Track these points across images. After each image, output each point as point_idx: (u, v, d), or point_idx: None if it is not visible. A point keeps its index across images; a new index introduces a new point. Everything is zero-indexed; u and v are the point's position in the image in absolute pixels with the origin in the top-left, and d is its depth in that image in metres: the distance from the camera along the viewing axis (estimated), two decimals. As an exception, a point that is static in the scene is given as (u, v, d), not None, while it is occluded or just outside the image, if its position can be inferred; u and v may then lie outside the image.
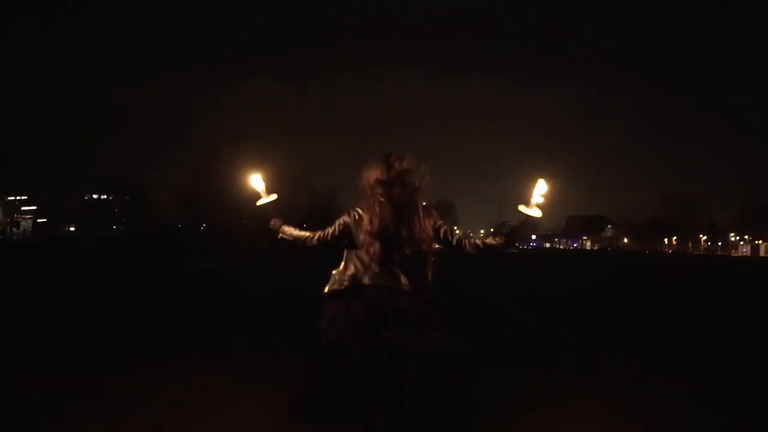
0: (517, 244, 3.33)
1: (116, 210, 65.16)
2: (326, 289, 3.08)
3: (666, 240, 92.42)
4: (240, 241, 35.97)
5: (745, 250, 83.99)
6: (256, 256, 26.27)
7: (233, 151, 44.70)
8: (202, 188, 44.67)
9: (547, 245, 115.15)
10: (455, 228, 3.20)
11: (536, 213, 3.03)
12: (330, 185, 53.45)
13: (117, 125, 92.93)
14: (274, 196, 3.26)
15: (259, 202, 3.27)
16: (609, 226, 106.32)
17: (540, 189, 3.03)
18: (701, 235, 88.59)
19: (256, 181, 3.27)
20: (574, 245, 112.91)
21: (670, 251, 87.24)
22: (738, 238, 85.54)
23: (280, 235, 3.22)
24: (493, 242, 3.06)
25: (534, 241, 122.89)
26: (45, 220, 58.18)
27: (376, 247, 2.94)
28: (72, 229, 57.51)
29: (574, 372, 5.27)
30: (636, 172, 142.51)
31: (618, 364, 5.63)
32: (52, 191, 53.31)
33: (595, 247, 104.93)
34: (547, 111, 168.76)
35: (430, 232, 3.03)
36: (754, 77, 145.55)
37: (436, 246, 3.10)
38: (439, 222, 3.08)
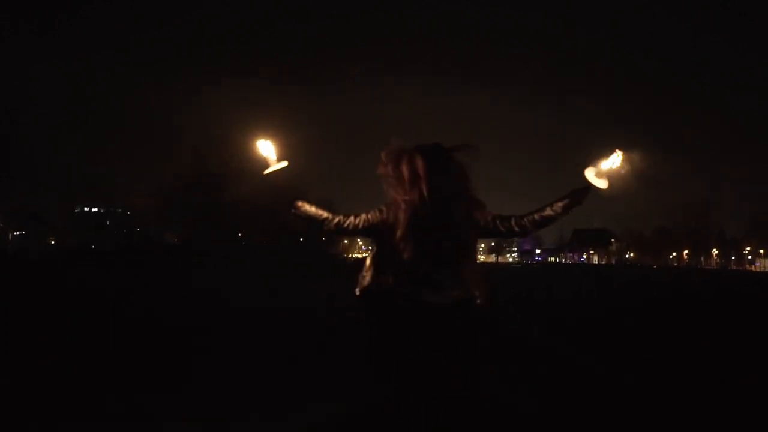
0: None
1: (108, 223, 64.02)
2: (357, 291, 2.73)
3: (675, 253, 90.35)
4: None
5: (757, 264, 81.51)
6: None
7: (224, 158, 43.18)
8: (193, 197, 42.62)
9: (553, 260, 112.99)
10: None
11: (602, 184, 2.74)
12: (327, 195, 51.22)
13: (101, 132, 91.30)
14: (284, 163, 2.86)
15: (267, 171, 2.85)
16: (613, 239, 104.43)
17: (614, 160, 2.75)
18: (713, 249, 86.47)
19: (264, 146, 2.87)
20: (581, 260, 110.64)
21: (677, 264, 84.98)
22: (748, 251, 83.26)
23: (294, 210, 2.75)
24: (551, 213, 2.67)
25: (539, 255, 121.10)
26: (23, 232, 56.15)
27: (411, 250, 2.54)
28: (53, 242, 55.41)
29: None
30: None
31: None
32: (37, 202, 51.07)
33: (603, 262, 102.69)
34: (546, 118, 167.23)
35: (482, 226, 2.65)
36: (760, 79, 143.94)
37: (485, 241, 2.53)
38: (491, 213, 2.68)
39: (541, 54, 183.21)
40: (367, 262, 2.74)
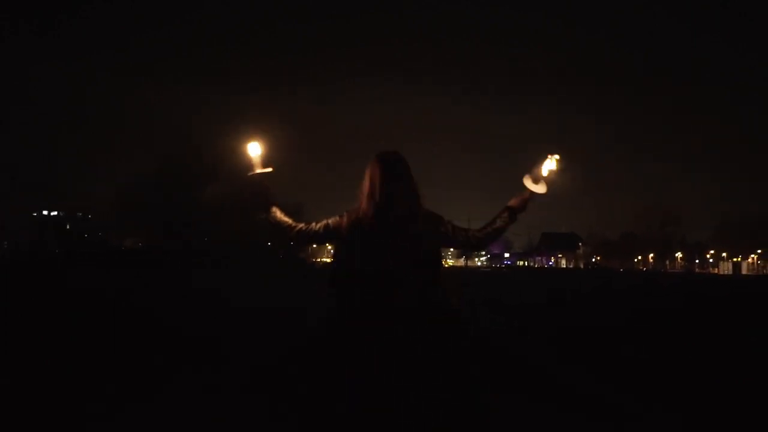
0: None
1: (68, 227, 62.69)
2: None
3: (640, 257, 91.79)
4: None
5: (719, 267, 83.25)
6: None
7: (193, 161, 42.28)
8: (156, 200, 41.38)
9: (521, 263, 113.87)
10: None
11: (541, 189, 2.86)
12: (296, 199, 50.13)
13: (68, 137, 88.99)
14: (269, 169, 2.87)
15: (252, 173, 2.86)
16: (580, 243, 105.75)
17: (549, 165, 2.90)
18: (677, 252, 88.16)
19: (252, 148, 2.87)
20: (549, 263, 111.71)
21: (645, 269, 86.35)
22: (710, 255, 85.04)
23: (267, 215, 2.80)
24: (500, 224, 2.79)
25: (508, 258, 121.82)
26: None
27: (363, 257, 2.53)
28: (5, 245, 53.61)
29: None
30: (608, 188, 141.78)
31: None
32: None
33: (570, 265, 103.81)
34: (517, 125, 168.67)
35: (438, 238, 2.64)
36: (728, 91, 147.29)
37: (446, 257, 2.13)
38: (449, 224, 2.71)
39: (541, 54, 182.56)
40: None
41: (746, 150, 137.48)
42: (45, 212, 62.86)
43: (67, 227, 62.71)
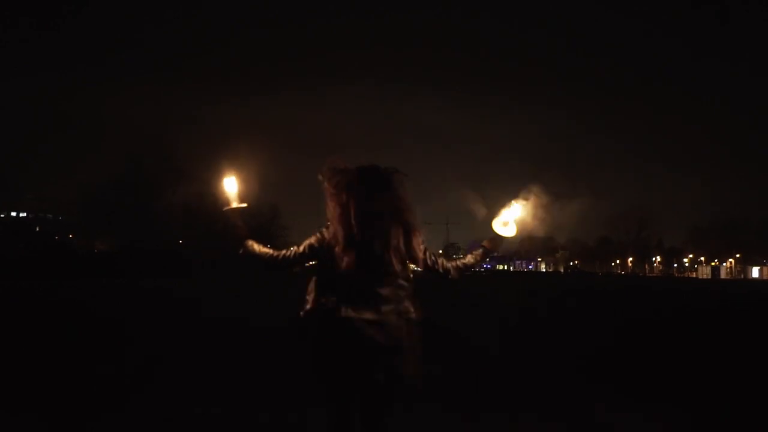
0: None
1: (37, 229, 61.26)
2: (301, 313, 2.77)
3: (618, 261, 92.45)
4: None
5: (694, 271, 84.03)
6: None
7: (162, 163, 41.41)
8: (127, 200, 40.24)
9: (501, 267, 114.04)
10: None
11: (509, 232, 3.02)
12: (271, 201, 49.58)
13: (38, 138, 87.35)
14: (244, 205, 2.96)
15: (228, 208, 2.93)
16: (558, 247, 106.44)
17: (515, 211, 3.03)
18: (656, 257, 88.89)
19: (229, 183, 2.93)
20: (529, 267, 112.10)
21: (623, 272, 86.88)
22: (689, 258, 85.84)
23: (242, 249, 2.84)
24: (472, 260, 2.96)
25: (487, 263, 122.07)
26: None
27: (349, 265, 2.58)
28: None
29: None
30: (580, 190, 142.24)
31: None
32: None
33: (550, 269, 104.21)
34: (492, 130, 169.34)
35: (417, 253, 2.74)
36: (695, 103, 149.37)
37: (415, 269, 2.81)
38: (424, 245, 2.79)
39: (486, 70, 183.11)
40: (310, 285, 2.76)
41: (721, 156, 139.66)
42: (13, 213, 61.55)
43: (37, 229, 61.39)
